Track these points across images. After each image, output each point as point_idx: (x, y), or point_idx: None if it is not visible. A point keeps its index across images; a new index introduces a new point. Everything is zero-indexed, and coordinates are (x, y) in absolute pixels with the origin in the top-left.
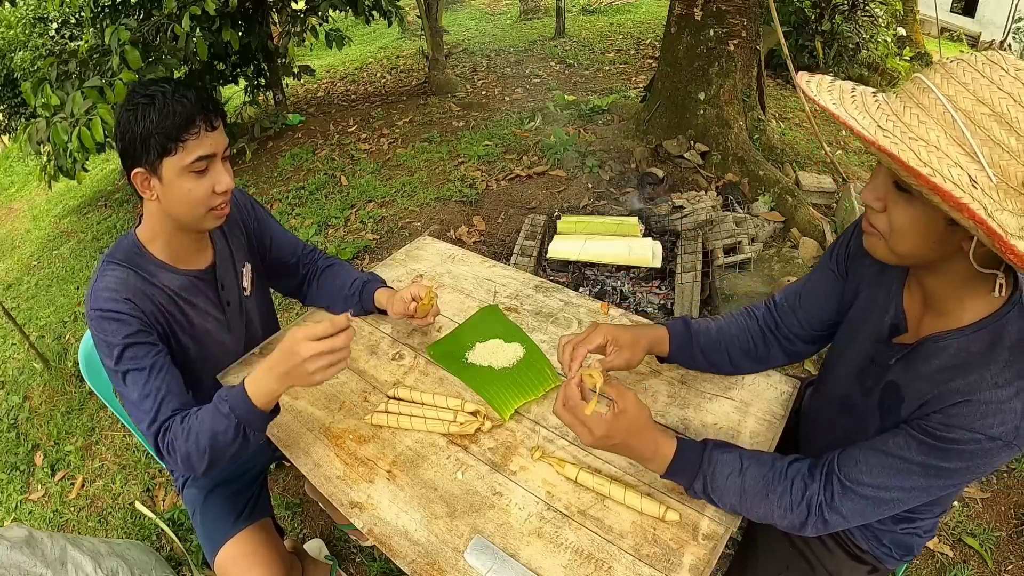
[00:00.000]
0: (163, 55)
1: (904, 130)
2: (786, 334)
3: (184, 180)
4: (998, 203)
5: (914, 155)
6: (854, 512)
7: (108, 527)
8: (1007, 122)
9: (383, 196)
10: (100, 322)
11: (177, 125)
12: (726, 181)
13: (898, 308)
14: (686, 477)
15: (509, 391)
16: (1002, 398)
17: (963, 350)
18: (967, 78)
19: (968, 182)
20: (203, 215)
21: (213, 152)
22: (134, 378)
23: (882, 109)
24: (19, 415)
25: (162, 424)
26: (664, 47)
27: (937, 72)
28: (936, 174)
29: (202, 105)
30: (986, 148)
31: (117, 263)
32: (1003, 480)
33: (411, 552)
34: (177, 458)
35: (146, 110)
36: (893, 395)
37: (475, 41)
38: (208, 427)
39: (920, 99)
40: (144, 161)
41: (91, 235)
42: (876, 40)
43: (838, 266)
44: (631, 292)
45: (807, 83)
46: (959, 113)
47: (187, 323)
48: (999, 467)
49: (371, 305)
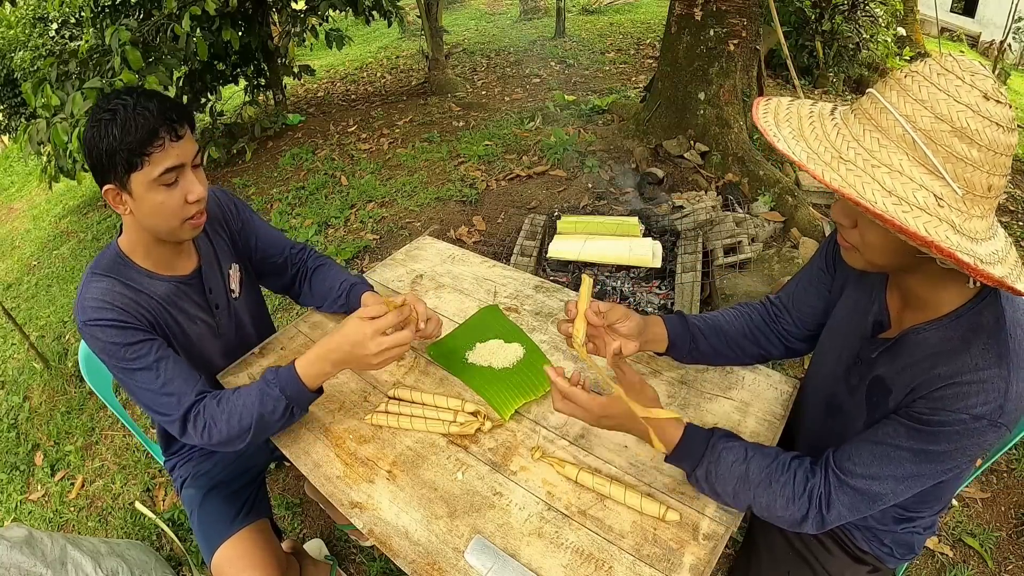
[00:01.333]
0: (163, 55)
1: (866, 157)
2: (781, 331)
3: (155, 193)
4: (966, 212)
5: (879, 185)
6: (850, 506)
7: (108, 527)
8: (967, 136)
9: (383, 196)
10: (93, 331)
11: (140, 139)
12: (726, 181)
13: (881, 305)
14: (691, 461)
15: (509, 391)
16: (984, 379)
17: (944, 338)
18: (923, 94)
19: (934, 202)
20: (178, 227)
21: (181, 162)
22: (144, 376)
23: (842, 134)
24: (19, 415)
25: (190, 408)
26: (664, 47)
27: (892, 89)
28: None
29: (165, 116)
30: (949, 164)
31: (102, 274)
32: (1003, 480)
33: (411, 552)
34: (214, 437)
35: (108, 125)
36: (879, 389)
37: (475, 41)
38: (255, 407)
39: (879, 120)
40: (113, 177)
41: (91, 235)
42: (876, 40)
43: (827, 264)
44: (631, 292)
45: (764, 119)
46: (919, 133)
47: (178, 329)
48: (993, 466)
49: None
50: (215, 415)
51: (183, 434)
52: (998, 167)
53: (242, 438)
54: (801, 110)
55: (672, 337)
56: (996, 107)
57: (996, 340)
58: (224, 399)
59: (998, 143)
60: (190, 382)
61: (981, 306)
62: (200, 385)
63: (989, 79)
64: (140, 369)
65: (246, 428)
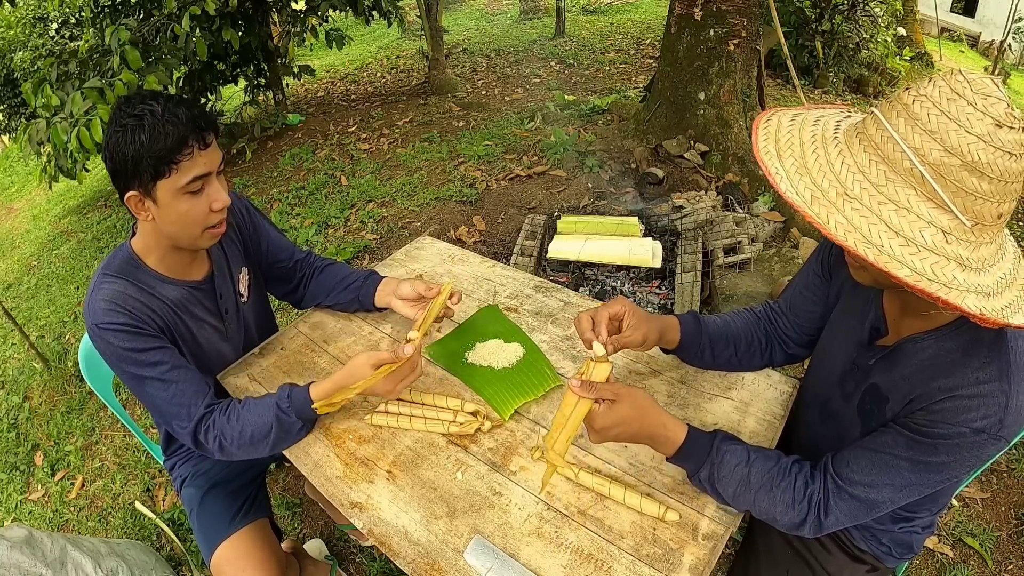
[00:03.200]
0: (163, 55)
1: (872, 193)
2: (782, 336)
3: (180, 201)
4: (974, 243)
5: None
6: (847, 512)
7: (108, 527)
8: (978, 170)
9: (383, 196)
10: (105, 335)
11: (170, 147)
12: (726, 181)
13: (878, 312)
14: (694, 462)
15: (509, 391)
16: (984, 392)
17: (942, 349)
18: (933, 124)
19: (942, 240)
20: (199, 235)
21: (208, 171)
22: (154, 385)
23: (846, 164)
24: (19, 415)
25: (200, 420)
26: (664, 47)
27: (900, 116)
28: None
29: (194, 123)
30: (958, 199)
31: (113, 276)
32: (1003, 480)
33: (411, 552)
34: (226, 450)
35: (135, 132)
36: (875, 397)
37: (475, 41)
38: (271, 428)
39: (885, 151)
40: (137, 184)
41: (91, 235)
42: (876, 40)
43: (823, 270)
44: (631, 292)
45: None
46: (927, 168)
47: (188, 334)
48: (993, 463)
49: (373, 299)
50: (224, 430)
51: (196, 445)
52: (1008, 195)
53: (255, 452)
54: (803, 133)
55: (684, 342)
56: (1009, 134)
57: (997, 353)
58: (234, 413)
59: (1009, 173)
60: (200, 393)
61: None
62: (209, 396)
63: (1002, 102)
64: (151, 378)
65: (259, 443)
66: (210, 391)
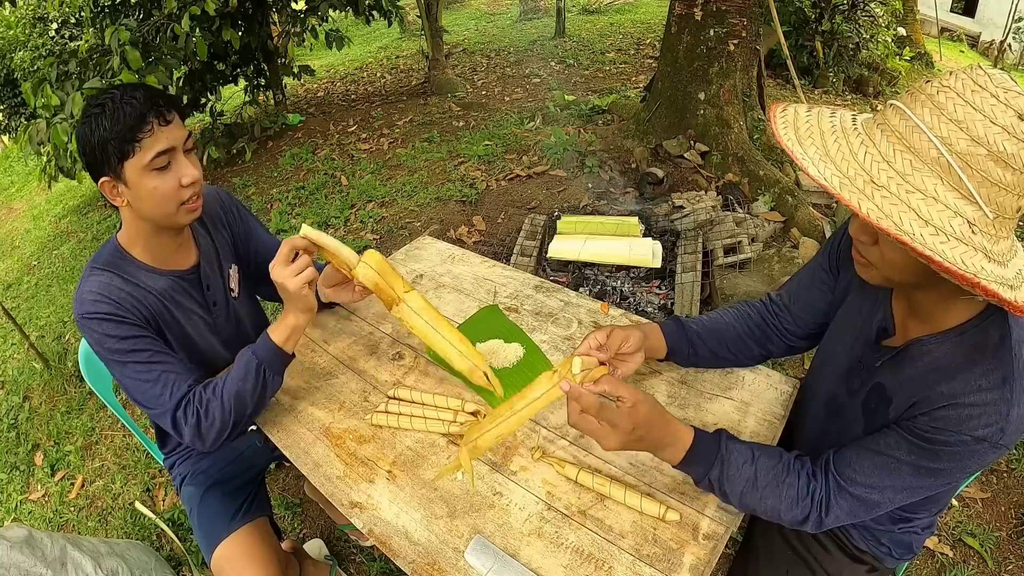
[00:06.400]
0: (163, 55)
1: (899, 182)
2: (781, 328)
3: (148, 179)
4: (994, 235)
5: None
6: (848, 511)
7: (108, 527)
8: (1003, 160)
9: (383, 196)
10: (89, 324)
11: (130, 126)
12: (726, 181)
13: (886, 312)
14: (703, 465)
15: (509, 391)
16: (987, 401)
17: (948, 353)
18: (959, 113)
19: (968, 230)
20: (175, 211)
21: (171, 146)
22: (135, 369)
23: (870, 154)
24: (19, 415)
25: (180, 399)
26: (664, 47)
27: (924, 106)
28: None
29: (152, 102)
30: (983, 189)
31: (100, 268)
32: (1003, 480)
33: (411, 552)
34: (202, 426)
35: (98, 118)
36: (880, 397)
37: (475, 41)
38: (233, 379)
39: (910, 140)
40: (107, 168)
41: (91, 235)
42: (876, 40)
43: (830, 266)
44: (631, 292)
45: (785, 135)
46: (955, 157)
47: (175, 324)
48: (993, 466)
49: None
50: (203, 400)
51: (174, 426)
52: None
53: (228, 418)
54: (822, 123)
55: (670, 344)
56: None
57: (1000, 360)
58: (213, 384)
59: None
60: (183, 376)
61: (987, 323)
62: (193, 381)
63: (1022, 96)
64: (132, 362)
65: (228, 408)
66: (193, 377)
